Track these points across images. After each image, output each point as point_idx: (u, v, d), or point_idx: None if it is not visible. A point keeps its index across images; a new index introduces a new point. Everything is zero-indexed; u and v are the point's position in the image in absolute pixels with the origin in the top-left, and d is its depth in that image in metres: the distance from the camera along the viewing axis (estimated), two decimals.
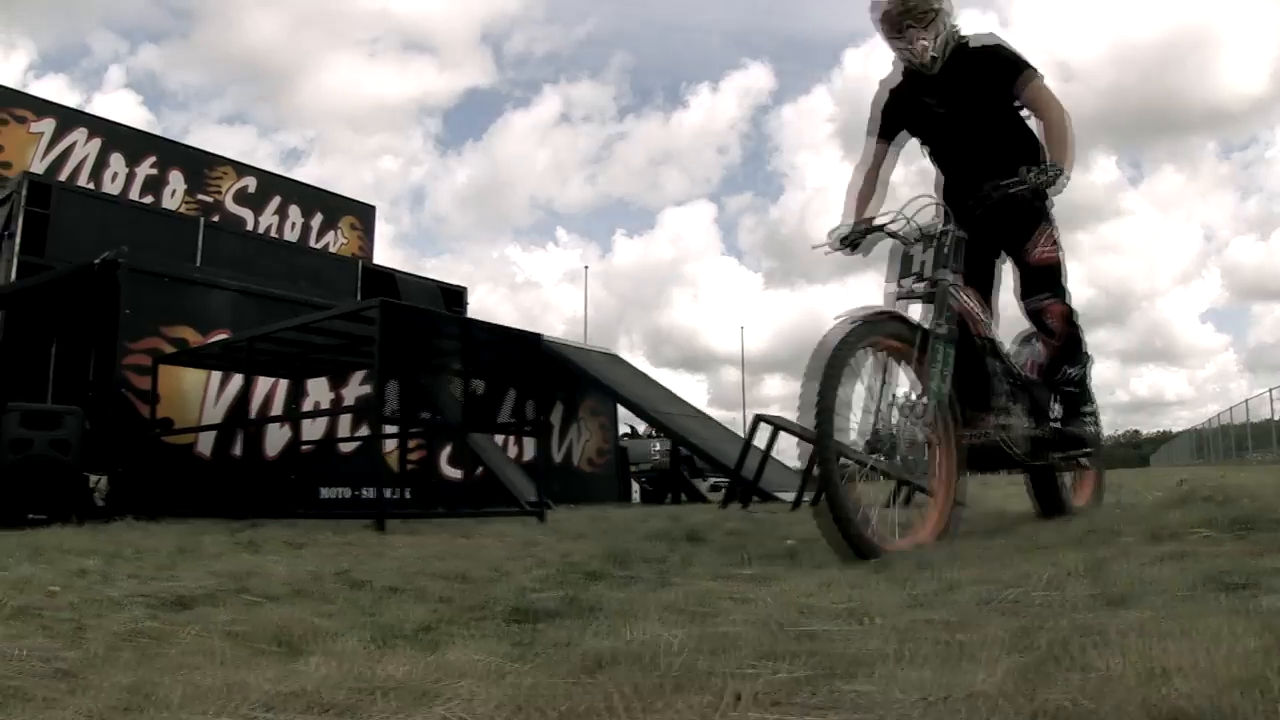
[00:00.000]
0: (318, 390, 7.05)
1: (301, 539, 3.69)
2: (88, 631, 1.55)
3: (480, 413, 5.46)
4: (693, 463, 10.89)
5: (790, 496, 7.08)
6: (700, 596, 1.88)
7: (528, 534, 3.65)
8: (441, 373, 5.58)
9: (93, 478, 5.93)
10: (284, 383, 6.86)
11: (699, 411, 10.24)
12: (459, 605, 1.85)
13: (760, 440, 6.59)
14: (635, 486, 11.72)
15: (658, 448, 12.66)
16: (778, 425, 6.59)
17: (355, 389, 7.28)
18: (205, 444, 6.44)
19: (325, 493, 6.93)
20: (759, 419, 6.58)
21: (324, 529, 4.37)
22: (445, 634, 1.45)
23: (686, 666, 1.20)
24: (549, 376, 5.87)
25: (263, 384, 6.69)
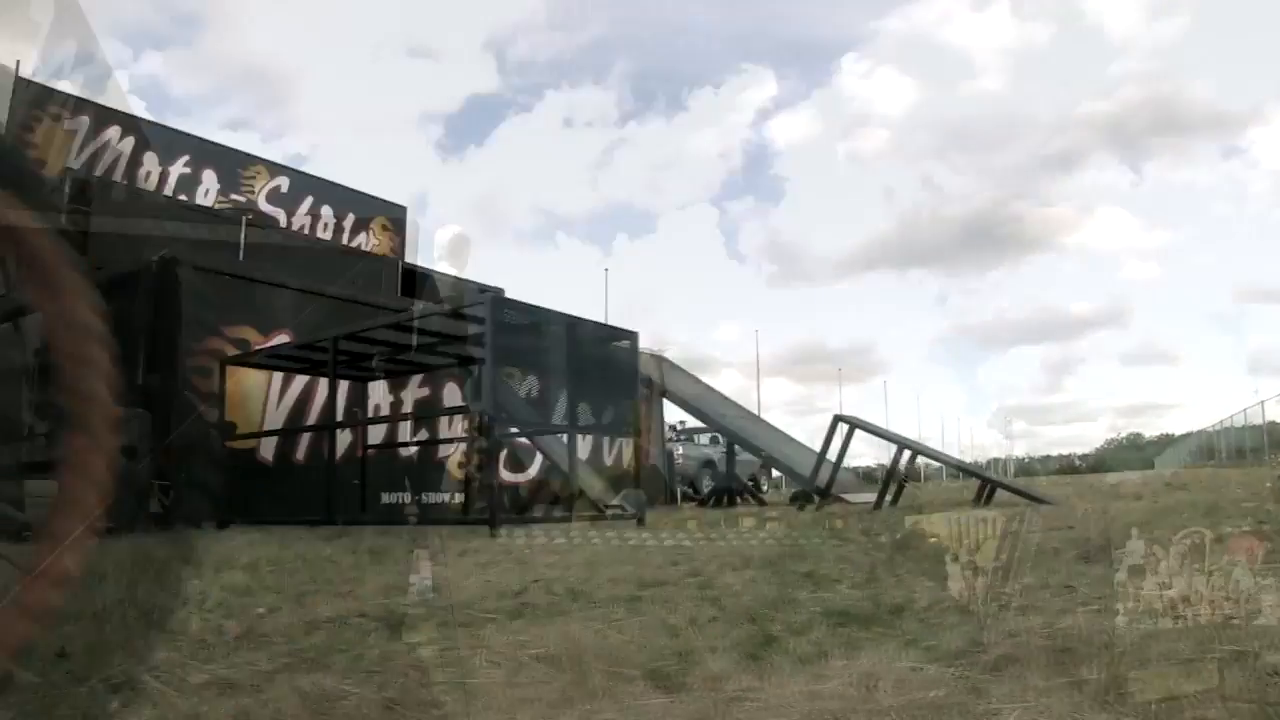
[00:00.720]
0: (376, 393, 6.82)
1: (416, 547, 3.47)
2: (380, 660, 1.34)
3: (549, 411, 5.30)
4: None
5: (860, 498, 6.95)
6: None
7: (674, 539, 3.43)
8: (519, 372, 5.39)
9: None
10: (344, 385, 6.64)
11: (749, 412, 10.07)
12: (735, 611, 1.66)
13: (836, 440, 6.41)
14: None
15: (705, 442, 12.23)
16: (855, 425, 6.44)
17: (414, 391, 7.07)
18: (268, 449, 6.21)
19: (385, 498, 6.72)
20: (838, 419, 6.40)
21: (418, 535, 4.16)
22: (799, 642, 1.26)
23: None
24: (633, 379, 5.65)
25: (323, 386, 6.46)
